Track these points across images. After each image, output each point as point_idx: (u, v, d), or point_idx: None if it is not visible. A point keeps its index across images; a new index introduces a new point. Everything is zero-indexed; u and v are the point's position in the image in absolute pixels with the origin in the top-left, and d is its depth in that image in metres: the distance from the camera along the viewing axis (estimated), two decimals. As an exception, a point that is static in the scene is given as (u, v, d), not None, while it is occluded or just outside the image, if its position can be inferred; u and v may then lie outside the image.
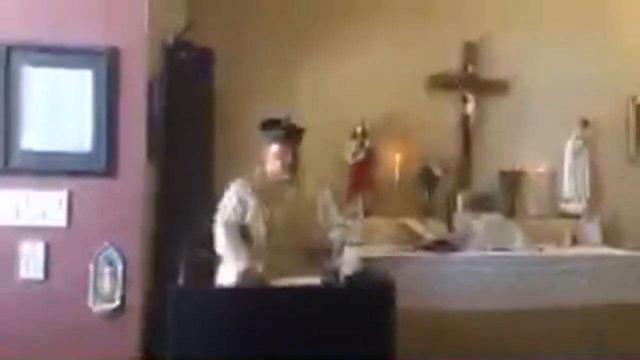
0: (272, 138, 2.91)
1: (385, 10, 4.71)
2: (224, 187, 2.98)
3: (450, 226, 4.48)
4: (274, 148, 2.90)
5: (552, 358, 3.89)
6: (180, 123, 3.27)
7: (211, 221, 2.92)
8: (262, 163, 2.96)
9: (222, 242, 2.84)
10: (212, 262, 2.90)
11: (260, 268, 2.73)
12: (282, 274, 2.70)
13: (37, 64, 2.68)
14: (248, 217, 2.87)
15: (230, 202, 2.90)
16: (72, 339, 2.67)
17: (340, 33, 4.63)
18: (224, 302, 2.57)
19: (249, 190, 2.88)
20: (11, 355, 2.62)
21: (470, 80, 4.76)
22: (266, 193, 2.89)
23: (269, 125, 2.95)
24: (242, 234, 2.87)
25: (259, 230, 2.85)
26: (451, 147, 4.81)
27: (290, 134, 2.92)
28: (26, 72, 2.68)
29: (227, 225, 2.86)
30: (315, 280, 2.70)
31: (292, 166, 2.90)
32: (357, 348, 2.53)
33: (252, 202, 2.87)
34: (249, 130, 3.98)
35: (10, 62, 2.65)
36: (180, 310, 2.46)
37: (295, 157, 2.91)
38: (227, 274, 2.86)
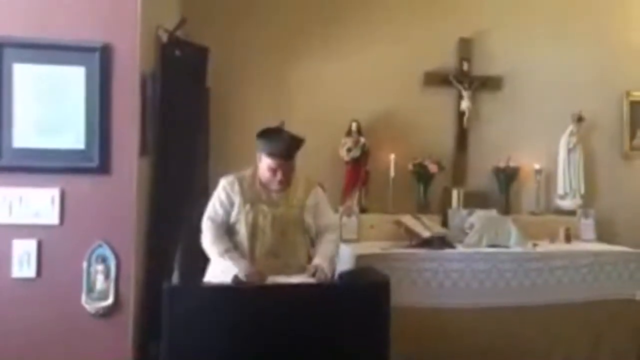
0: (266, 153, 2.79)
1: (381, 7, 4.69)
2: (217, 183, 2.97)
3: (445, 222, 4.48)
4: (267, 161, 2.79)
5: (547, 353, 3.90)
6: (175, 120, 3.26)
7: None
8: (256, 165, 2.89)
9: (204, 237, 2.83)
10: (206, 258, 2.88)
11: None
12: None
13: (29, 60, 2.67)
14: (233, 216, 2.84)
15: (219, 197, 2.86)
16: (65, 337, 2.67)
17: (335, 30, 4.61)
18: (219, 300, 2.57)
19: (236, 188, 2.84)
20: (4, 353, 2.62)
21: (465, 77, 4.75)
22: (253, 194, 2.84)
23: (267, 135, 2.82)
24: (228, 232, 2.86)
25: (241, 230, 2.82)
26: (446, 143, 4.80)
27: (284, 155, 2.78)
28: (18, 69, 2.66)
29: (210, 220, 2.84)
30: (310, 279, 2.70)
31: (283, 182, 2.81)
32: (352, 345, 2.53)
33: (237, 201, 2.83)
34: (244, 126, 4.01)
35: (2, 59, 2.64)
36: (174, 307, 2.45)
37: (287, 173, 2.80)
38: (211, 270, 2.85)
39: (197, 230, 2.89)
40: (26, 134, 2.67)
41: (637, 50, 4.99)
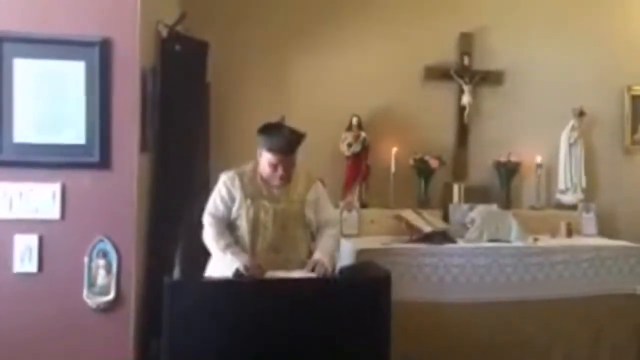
0: (267, 148, 2.77)
1: (382, 2, 4.68)
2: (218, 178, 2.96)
3: (446, 217, 4.48)
4: (268, 156, 2.77)
5: (548, 348, 3.90)
6: (175, 114, 3.25)
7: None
8: (256, 160, 2.87)
9: (205, 232, 2.82)
10: (207, 253, 2.88)
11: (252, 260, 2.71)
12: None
13: (29, 55, 2.66)
14: (234, 212, 2.83)
15: (219, 193, 2.85)
16: (67, 331, 2.67)
17: (336, 25, 4.60)
18: (219, 294, 2.57)
19: (237, 183, 2.83)
20: (5, 348, 2.62)
21: (466, 71, 4.74)
22: (254, 189, 2.83)
23: (267, 130, 2.80)
24: (229, 227, 2.85)
25: (242, 225, 2.82)
26: (447, 138, 4.79)
27: (284, 150, 2.76)
28: (18, 63, 2.65)
29: (211, 216, 2.83)
30: (310, 273, 2.70)
31: (284, 178, 2.80)
32: (352, 339, 2.53)
33: (238, 196, 2.82)
34: (244, 121, 4.00)
35: (2, 54, 2.63)
36: (175, 302, 2.46)
37: (288, 169, 2.79)
38: (213, 265, 2.85)
39: (198, 226, 2.88)
40: (26, 129, 2.67)
41: (639, 44, 4.98)
